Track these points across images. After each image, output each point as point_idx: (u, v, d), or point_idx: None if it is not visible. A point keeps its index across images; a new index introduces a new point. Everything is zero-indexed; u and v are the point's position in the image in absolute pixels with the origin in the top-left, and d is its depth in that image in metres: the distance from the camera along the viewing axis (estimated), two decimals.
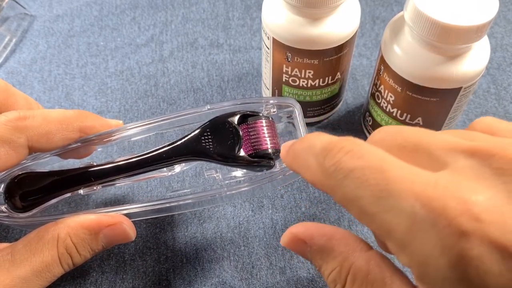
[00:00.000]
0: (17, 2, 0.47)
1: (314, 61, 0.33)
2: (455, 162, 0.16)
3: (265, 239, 0.33)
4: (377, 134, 0.19)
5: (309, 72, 0.34)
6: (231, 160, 0.26)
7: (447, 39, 0.27)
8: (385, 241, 0.17)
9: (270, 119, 0.27)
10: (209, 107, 0.28)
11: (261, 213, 0.34)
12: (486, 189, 0.15)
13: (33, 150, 0.27)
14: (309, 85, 0.35)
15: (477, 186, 0.15)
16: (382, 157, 0.17)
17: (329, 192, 0.18)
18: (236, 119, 0.27)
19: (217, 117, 0.27)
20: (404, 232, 0.16)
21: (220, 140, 0.26)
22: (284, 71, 0.34)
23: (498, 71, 0.43)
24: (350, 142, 0.18)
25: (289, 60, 0.33)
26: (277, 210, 0.35)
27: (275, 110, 0.28)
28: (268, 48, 0.34)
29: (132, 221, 0.27)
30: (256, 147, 0.26)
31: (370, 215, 0.16)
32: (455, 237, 0.15)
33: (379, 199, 0.16)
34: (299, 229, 0.21)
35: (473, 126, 0.20)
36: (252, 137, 0.26)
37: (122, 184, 0.28)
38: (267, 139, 0.26)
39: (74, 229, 0.25)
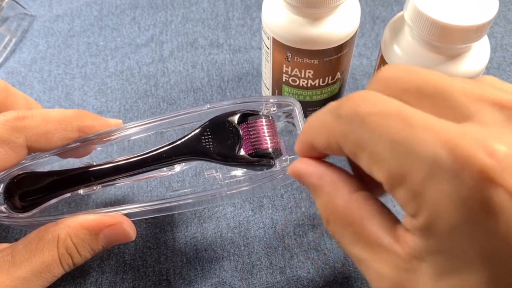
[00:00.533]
0: (17, 2, 0.47)
1: (314, 61, 0.33)
2: (481, 113, 0.15)
3: (265, 239, 0.33)
4: (387, 70, 0.18)
5: (309, 72, 0.34)
6: (231, 159, 0.26)
7: (447, 39, 0.27)
8: (395, 189, 0.16)
9: (270, 118, 0.27)
10: (208, 106, 0.28)
11: (261, 213, 0.34)
12: None
13: (32, 150, 0.27)
14: (309, 85, 0.35)
15: (507, 139, 0.14)
16: (402, 105, 0.16)
17: (341, 140, 0.17)
18: (236, 118, 0.27)
19: (217, 116, 0.27)
20: (422, 179, 0.15)
21: (220, 139, 0.26)
22: (284, 71, 0.34)
23: (498, 71, 0.43)
24: (366, 91, 0.17)
25: (289, 60, 0.33)
26: (277, 210, 0.35)
27: (275, 109, 0.28)
28: (268, 48, 0.34)
29: (132, 221, 0.27)
30: (256, 146, 0.26)
31: (384, 159, 0.16)
32: (481, 190, 0.14)
33: (398, 144, 0.15)
34: (300, 165, 0.21)
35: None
36: (252, 136, 0.26)
37: (122, 184, 0.28)
38: (267, 138, 0.26)
39: (75, 229, 0.25)
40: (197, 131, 0.27)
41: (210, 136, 0.26)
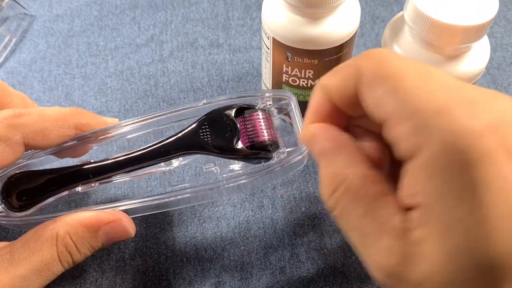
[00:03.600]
0: (17, 2, 0.47)
1: (314, 61, 0.33)
2: None
3: (265, 239, 0.33)
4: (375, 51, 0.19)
5: (309, 72, 0.34)
6: (230, 152, 0.26)
7: (447, 39, 0.27)
8: (399, 124, 0.17)
9: (267, 111, 0.28)
10: (205, 102, 0.28)
11: (261, 213, 0.34)
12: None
13: (29, 148, 0.27)
14: (309, 85, 0.35)
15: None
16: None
17: (363, 71, 0.18)
18: (233, 112, 0.27)
19: (214, 110, 0.27)
20: (434, 110, 0.16)
21: (218, 133, 0.26)
22: (284, 71, 0.34)
23: (498, 71, 0.43)
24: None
25: (289, 60, 0.33)
26: (277, 210, 0.35)
27: (271, 103, 0.29)
28: (268, 48, 0.34)
29: (131, 218, 0.27)
30: (253, 139, 0.26)
31: (404, 91, 0.16)
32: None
33: (421, 74, 0.17)
34: (315, 128, 0.20)
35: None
36: (249, 129, 0.26)
37: (120, 181, 0.28)
38: (264, 131, 0.27)
39: (74, 227, 0.25)
40: (194, 125, 0.27)
41: (208, 130, 0.27)
